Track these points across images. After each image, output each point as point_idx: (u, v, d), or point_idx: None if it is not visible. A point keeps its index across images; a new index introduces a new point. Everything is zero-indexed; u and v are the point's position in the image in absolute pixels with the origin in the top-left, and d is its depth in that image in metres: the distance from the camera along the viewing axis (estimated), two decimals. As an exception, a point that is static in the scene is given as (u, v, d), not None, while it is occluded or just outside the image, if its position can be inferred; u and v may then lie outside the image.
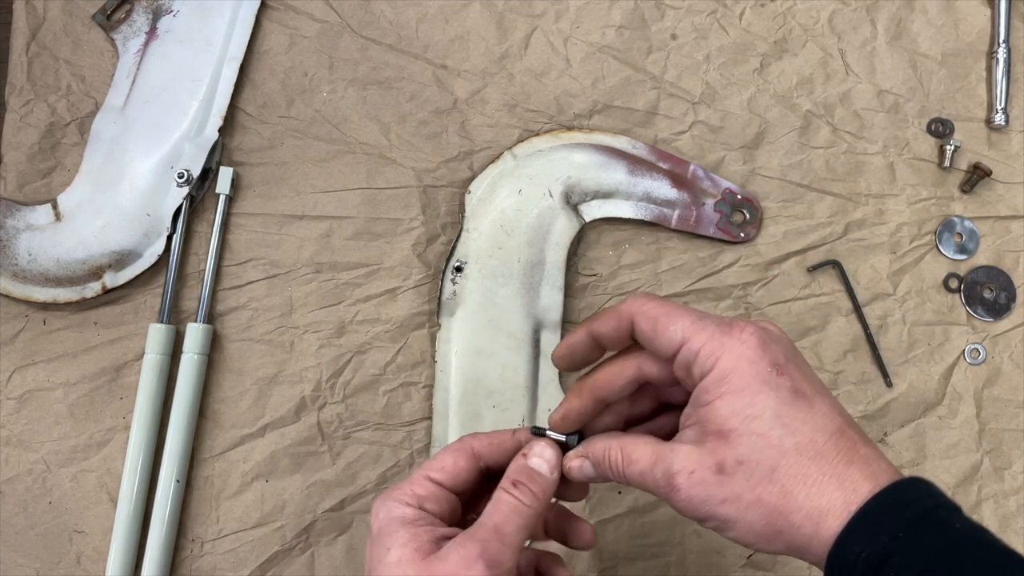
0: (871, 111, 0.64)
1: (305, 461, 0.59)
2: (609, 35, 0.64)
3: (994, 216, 0.64)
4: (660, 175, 0.60)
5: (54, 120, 0.60)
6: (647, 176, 0.60)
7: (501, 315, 0.58)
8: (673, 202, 0.60)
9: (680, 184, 0.61)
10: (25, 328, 0.59)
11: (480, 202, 0.59)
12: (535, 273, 0.58)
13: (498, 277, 0.58)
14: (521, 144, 0.61)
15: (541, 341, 0.58)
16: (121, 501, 0.56)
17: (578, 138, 0.61)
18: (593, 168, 0.59)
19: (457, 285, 0.58)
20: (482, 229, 0.59)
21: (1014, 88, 0.65)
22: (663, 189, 0.60)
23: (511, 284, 0.58)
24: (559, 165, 0.59)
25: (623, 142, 0.61)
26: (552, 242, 0.58)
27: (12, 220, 0.58)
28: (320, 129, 0.62)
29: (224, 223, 0.60)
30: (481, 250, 0.58)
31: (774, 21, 0.65)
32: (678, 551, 0.60)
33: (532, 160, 0.60)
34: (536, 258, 0.58)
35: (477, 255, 0.58)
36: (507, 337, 0.58)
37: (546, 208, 0.59)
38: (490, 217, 0.59)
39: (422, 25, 0.63)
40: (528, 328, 0.58)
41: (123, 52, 0.61)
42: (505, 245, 0.58)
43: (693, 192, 0.61)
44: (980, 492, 0.61)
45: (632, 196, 0.60)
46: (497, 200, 0.59)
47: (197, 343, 0.57)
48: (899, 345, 0.62)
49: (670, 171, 0.61)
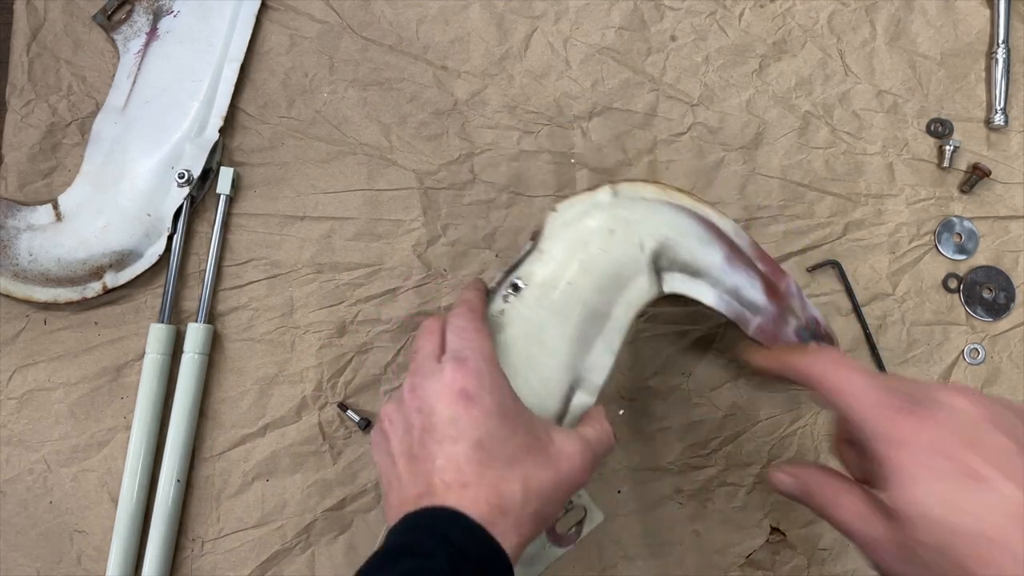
0: (870, 111, 0.65)
1: (306, 461, 0.59)
2: (609, 36, 0.64)
3: (993, 216, 0.64)
4: (755, 275, 0.53)
5: (55, 120, 0.60)
6: (742, 271, 0.53)
7: (542, 355, 0.50)
8: (759, 308, 0.53)
9: (772, 293, 0.54)
10: (26, 328, 0.59)
11: (564, 226, 0.51)
12: (595, 325, 0.50)
13: (555, 314, 0.50)
14: (625, 184, 0.53)
15: (573, 401, 0.50)
16: (122, 501, 0.56)
17: (685, 201, 0.53)
18: (692, 239, 0.52)
19: (508, 304, 0.50)
20: (556, 255, 0.51)
21: (1013, 88, 0.65)
22: (754, 291, 0.53)
23: (566, 327, 0.50)
24: (660, 220, 0.52)
25: (728, 225, 0.53)
26: (625, 299, 0.51)
27: (13, 220, 0.58)
28: (321, 130, 0.62)
29: (225, 223, 0.60)
30: (547, 277, 0.50)
31: (773, 22, 0.65)
32: (678, 551, 0.60)
33: (634, 205, 0.52)
34: (602, 310, 0.50)
35: (542, 281, 0.50)
36: (539, 382, 0.49)
37: (632, 260, 0.51)
38: (570, 245, 0.51)
39: (422, 26, 0.63)
40: (565, 381, 0.50)
41: (124, 52, 0.61)
42: (576, 282, 0.50)
43: (782, 307, 0.54)
44: (980, 492, 0.61)
45: (720, 285, 0.52)
46: (584, 230, 0.51)
47: (198, 343, 0.58)
48: (898, 345, 0.63)
49: (765, 275, 0.54)
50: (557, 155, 0.62)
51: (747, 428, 0.61)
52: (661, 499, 0.60)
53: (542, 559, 0.53)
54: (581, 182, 0.62)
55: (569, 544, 0.53)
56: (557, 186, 0.62)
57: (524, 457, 0.41)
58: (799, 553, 0.60)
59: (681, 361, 0.61)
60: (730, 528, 0.60)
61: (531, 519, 0.41)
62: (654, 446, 0.61)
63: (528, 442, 0.42)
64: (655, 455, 0.60)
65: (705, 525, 0.60)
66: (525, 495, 0.41)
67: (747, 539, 0.60)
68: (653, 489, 0.60)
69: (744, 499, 0.60)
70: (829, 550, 0.60)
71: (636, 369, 0.61)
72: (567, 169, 0.62)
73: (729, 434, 0.61)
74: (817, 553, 0.60)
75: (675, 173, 0.63)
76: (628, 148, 0.63)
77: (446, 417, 0.41)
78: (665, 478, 0.60)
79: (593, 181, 0.62)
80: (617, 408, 0.61)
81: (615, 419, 0.60)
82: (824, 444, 0.61)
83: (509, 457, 0.41)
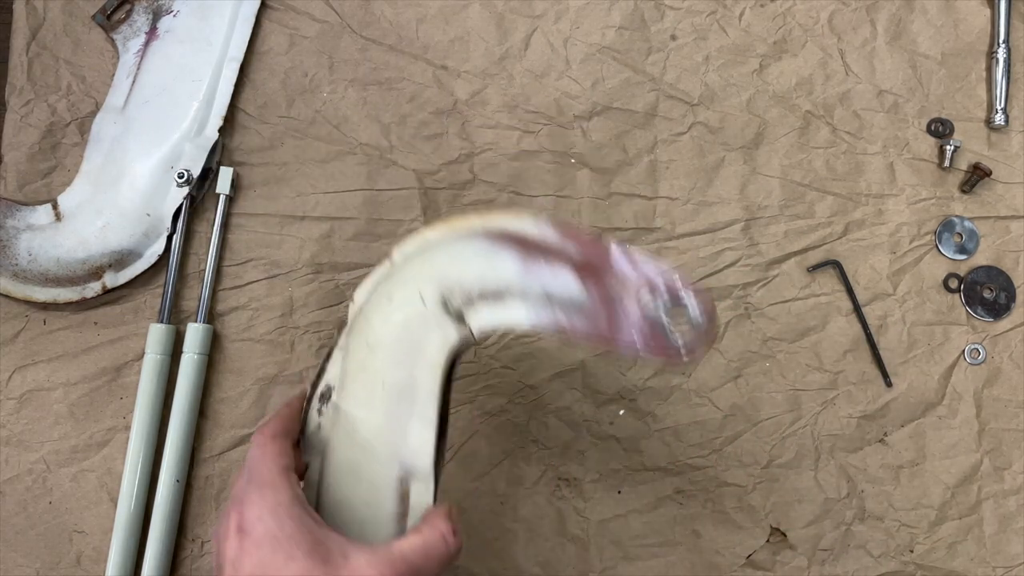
0: (871, 111, 0.64)
1: (305, 461, 0.59)
2: (609, 36, 0.64)
3: (994, 216, 0.64)
4: (562, 264, 0.42)
5: (54, 120, 0.60)
6: (544, 265, 0.42)
7: (360, 458, 0.44)
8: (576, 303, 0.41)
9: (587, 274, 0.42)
10: (25, 328, 0.59)
11: (360, 314, 0.46)
12: (403, 403, 0.44)
13: (361, 407, 0.44)
14: (410, 239, 0.45)
15: (411, 494, 0.44)
16: (121, 501, 0.56)
17: (471, 223, 0.44)
18: (474, 259, 0.43)
19: (323, 417, 0.45)
20: (351, 347, 0.45)
21: (1014, 88, 0.65)
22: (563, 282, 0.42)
23: (373, 417, 0.44)
24: (436, 262, 0.44)
25: (524, 223, 0.43)
26: (425, 362, 0.43)
27: (12, 220, 0.58)
28: (320, 129, 0.62)
29: (224, 223, 0.60)
30: (347, 373, 0.45)
31: (774, 22, 0.65)
32: (678, 551, 0.60)
33: (412, 260, 0.45)
34: (404, 382, 0.44)
35: (343, 379, 0.45)
36: (367, 489, 0.44)
37: (416, 316, 0.44)
38: (360, 331, 0.45)
39: (422, 26, 0.63)
40: (392, 477, 0.44)
41: (123, 52, 0.61)
42: (368, 365, 0.44)
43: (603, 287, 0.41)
44: (980, 492, 0.61)
45: (528, 295, 0.42)
46: (368, 310, 0.45)
47: (197, 343, 0.57)
48: (899, 345, 0.62)
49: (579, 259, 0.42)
50: (557, 155, 0.62)
51: (747, 428, 0.61)
52: (661, 499, 0.60)
53: None
54: (581, 181, 0.62)
55: None
56: (557, 186, 0.62)
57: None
58: (799, 553, 0.60)
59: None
60: (730, 528, 0.60)
61: None
62: (654, 446, 0.61)
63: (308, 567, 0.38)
64: (655, 455, 0.60)
65: (705, 525, 0.60)
66: None
67: (747, 539, 0.60)
68: (653, 489, 0.60)
69: (744, 499, 0.60)
70: (829, 550, 0.60)
71: (636, 369, 0.61)
72: (567, 169, 0.62)
73: (729, 434, 0.61)
74: (817, 553, 0.60)
75: (675, 173, 0.63)
76: (628, 148, 0.63)
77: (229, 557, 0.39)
78: (665, 478, 0.60)
79: (593, 180, 0.62)
80: (617, 408, 0.61)
81: (614, 419, 0.60)
82: (824, 444, 0.61)
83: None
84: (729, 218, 0.63)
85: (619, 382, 0.61)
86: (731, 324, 0.62)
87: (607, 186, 0.62)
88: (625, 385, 0.61)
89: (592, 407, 0.61)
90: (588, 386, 0.61)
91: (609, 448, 0.60)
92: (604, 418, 0.61)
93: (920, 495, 0.61)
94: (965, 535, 0.61)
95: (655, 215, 0.62)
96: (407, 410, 0.44)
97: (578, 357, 0.61)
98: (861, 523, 0.61)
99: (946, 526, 0.61)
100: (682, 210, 0.63)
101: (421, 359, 0.44)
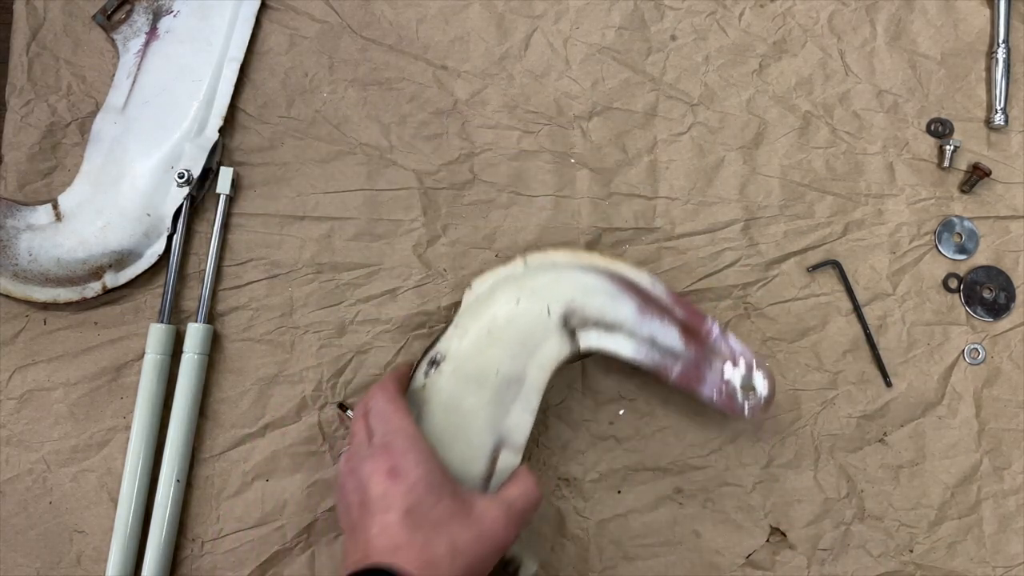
0: (870, 111, 0.65)
1: (306, 461, 0.59)
2: (609, 36, 0.64)
3: (993, 216, 0.64)
4: (672, 322, 0.56)
5: (54, 120, 0.60)
6: (657, 320, 0.55)
7: (464, 423, 0.53)
8: (678, 354, 0.55)
9: (691, 337, 0.56)
10: (25, 328, 0.59)
11: (477, 301, 0.56)
12: (511, 389, 0.54)
13: (472, 383, 0.53)
14: (537, 253, 0.57)
15: (499, 460, 0.53)
16: (121, 501, 0.56)
17: (596, 261, 0.57)
18: (601, 295, 0.55)
19: (429, 379, 0.54)
20: (469, 329, 0.54)
21: (1013, 88, 0.65)
22: (671, 337, 0.55)
23: (483, 394, 0.53)
24: (566, 284, 0.55)
25: (643, 278, 0.56)
26: (537, 362, 0.54)
27: (12, 220, 0.58)
28: (320, 130, 0.62)
29: (224, 223, 0.60)
30: (462, 351, 0.54)
31: (773, 22, 0.65)
32: (678, 551, 0.60)
33: (541, 272, 0.56)
34: (516, 374, 0.54)
35: (457, 355, 0.54)
36: (465, 447, 0.53)
37: (540, 325, 0.54)
38: (482, 319, 0.55)
39: (422, 26, 0.63)
40: (488, 444, 0.53)
41: (123, 52, 0.61)
42: (488, 352, 0.54)
43: (702, 349, 0.56)
44: (979, 492, 0.61)
45: (636, 336, 0.55)
46: (493, 303, 0.55)
47: (197, 343, 0.58)
48: (899, 345, 0.62)
49: (683, 321, 0.56)
50: (557, 155, 0.62)
51: (747, 428, 0.61)
52: (661, 499, 0.60)
53: None
54: (581, 181, 0.62)
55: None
56: (557, 186, 0.62)
57: (449, 521, 0.46)
58: (799, 553, 0.60)
59: (681, 361, 0.61)
60: (730, 528, 0.60)
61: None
62: (654, 446, 0.61)
63: (453, 508, 0.47)
64: (655, 455, 0.60)
65: (705, 525, 0.60)
66: (452, 554, 0.45)
67: (747, 539, 0.60)
68: (653, 489, 0.60)
69: (744, 499, 0.60)
70: (829, 550, 0.60)
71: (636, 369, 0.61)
72: (567, 169, 0.62)
73: (729, 434, 0.61)
74: (817, 553, 0.60)
75: (675, 173, 0.63)
76: (628, 148, 0.63)
77: (378, 493, 0.46)
78: (665, 478, 0.60)
79: (593, 181, 0.62)
80: (617, 408, 0.61)
81: (614, 419, 0.61)
82: (824, 444, 0.61)
83: (435, 522, 0.46)
84: (729, 218, 0.63)
85: (619, 382, 0.61)
86: (731, 324, 0.62)
87: (607, 186, 0.62)
88: (625, 385, 0.61)
89: (592, 407, 0.61)
90: (588, 386, 0.61)
91: (609, 448, 0.60)
92: (604, 418, 0.61)
93: (920, 495, 0.61)
94: (965, 535, 0.61)
95: (655, 215, 0.62)
96: (513, 395, 0.54)
97: (578, 357, 0.61)
98: (861, 523, 0.61)
99: (946, 526, 0.61)
100: (682, 210, 0.63)
101: (534, 359, 0.54)
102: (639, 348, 0.55)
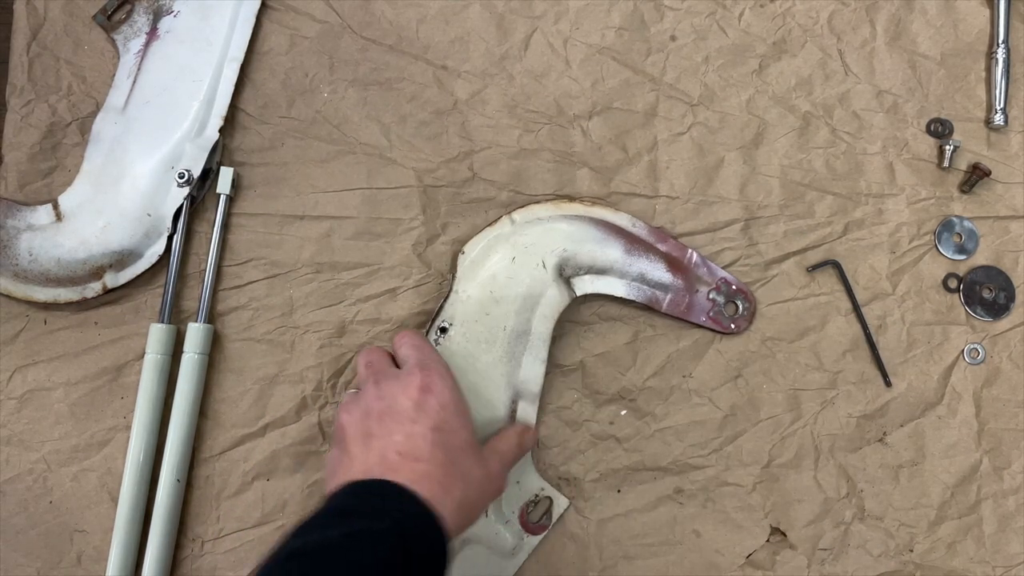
0: (870, 111, 0.65)
1: (306, 460, 0.59)
2: (608, 36, 0.64)
3: (993, 216, 0.64)
4: (657, 257, 0.60)
5: (55, 120, 0.60)
6: (644, 257, 0.60)
7: (480, 381, 0.57)
8: (667, 286, 0.60)
9: (676, 268, 0.60)
10: (26, 328, 0.59)
11: (472, 264, 0.59)
12: (519, 343, 0.57)
13: (481, 343, 0.57)
14: (521, 210, 0.60)
15: (518, 411, 0.57)
16: (122, 500, 0.56)
17: (578, 210, 0.60)
18: (590, 243, 0.59)
19: (440, 346, 0.57)
20: (471, 292, 0.58)
21: (1013, 88, 0.65)
22: (658, 272, 0.60)
23: (494, 351, 0.57)
24: (556, 236, 0.59)
25: (624, 219, 0.60)
26: (540, 313, 0.57)
27: (13, 220, 0.58)
28: (321, 129, 0.62)
29: (225, 223, 0.60)
30: (467, 314, 0.57)
31: (773, 22, 0.65)
32: (678, 551, 0.60)
33: (530, 228, 0.59)
34: (522, 328, 0.57)
35: (463, 318, 0.57)
36: (485, 404, 0.56)
37: (538, 279, 0.58)
38: (480, 281, 0.58)
39: (422, 26, 0.63)
40: (506, 397, 0.57)
41: (124, 52, 0.61)
42: (492, 312, 0.57)
43: (688, 278, 0.60)
44: (979, 492, 0.61)
45: (626, 275, 0.59)
46: (490, 265, 0.58)
47: (198, 343, 0.58)
48: (898, 345, 0.63)
49: (667, 254, 0.60)
50: (557, 154, 0.62)
51: (747, 428, 0.61)
52: (661, 499, 0.60)
53: (522, 549, 0.58)
54: (581, 180, 0.62)
55: (543, 532, 0.58)
56: (557, 184, 0.62)
57: (466, 451, 0.48)
58: (799, 553, 0.60)
59: (681, 361, 0.61)
60: (730, 528, 0.60)
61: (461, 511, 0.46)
62: (654, 446, 0.61)
63: (470, 441, 0.49)
64: (655, 455, 0.60)
65: (705, 525, 0.60)
66: (465, 484, 0.46)
67: (747, 539, 0.60)
68: (653, 489, 0.60)
69: (744, 499, 0.60)
70: (829, 550, 0.60)
71: (636, 369, 0.61)
72: (567, 167, 0.62)
73: (729, 434, 0.61)
74: (817, 553, 0.60)
75: (675, 173, 0.63)
76: (628, 147, 0.63)
77: (408, 404, 0.47)
78: (665, 478, 0.60)
79: (593, 180, 0.62)
80: (617, 408, 0.61)
81: (614, 419, 0.61)
82: (824, 443, 0.61)
83: (458, 447, 0.47)
84: (729, 218, 0.63)
85: (619, 382, 0.61)
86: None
87: (607, 185, 0.62)
88: (625, 385, 0.61)
89: (592, 407, 0.61)
90: (588, 386, 0.61)
91: (609, 448, 0.60)
92: (604, 418, 0.61)
93: (919, 495, 0.61)
94: (964, 535, 0.61)
95: (655, 214, 0.62)
96: (522, 348, 0.57)
97: (578, 357, 0.61)
98: (861, 523, 0.61)
99: (945, 526, 0.61)
100: (682, 209, 0.63)
101: (537, 311, 0.57)
102: (630, 286, 0.59)
